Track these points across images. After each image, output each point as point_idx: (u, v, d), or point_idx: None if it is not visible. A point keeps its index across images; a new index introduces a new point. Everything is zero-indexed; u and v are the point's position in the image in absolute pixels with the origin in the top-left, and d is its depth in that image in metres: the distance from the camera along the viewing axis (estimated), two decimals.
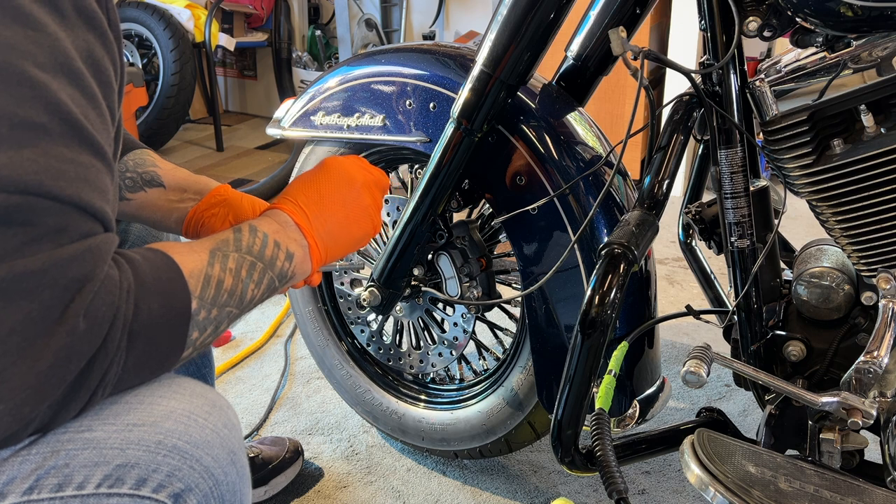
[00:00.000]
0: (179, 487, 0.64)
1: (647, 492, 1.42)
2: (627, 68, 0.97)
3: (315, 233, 0.84)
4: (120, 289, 0.60)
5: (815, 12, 0.90)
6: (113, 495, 0.61)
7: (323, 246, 0.85)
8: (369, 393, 1.50)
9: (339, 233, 0.87)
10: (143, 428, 0.63)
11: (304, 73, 3.67)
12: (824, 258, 1.06)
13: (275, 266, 0.78)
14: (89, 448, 0.61)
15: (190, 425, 0.65)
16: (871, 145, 0.92)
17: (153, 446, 0.63)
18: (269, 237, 0.78)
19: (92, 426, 0.62)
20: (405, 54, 1.27)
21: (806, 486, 0.92)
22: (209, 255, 0.71)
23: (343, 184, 0.90)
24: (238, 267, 0.73)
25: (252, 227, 0.77)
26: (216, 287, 0.70)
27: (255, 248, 0.76)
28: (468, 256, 1.27)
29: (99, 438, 0.62)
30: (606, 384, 0.95)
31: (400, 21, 3.54)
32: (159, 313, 0.63)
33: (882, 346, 0.94)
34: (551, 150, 1.13)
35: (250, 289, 0.74)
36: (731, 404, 1.66)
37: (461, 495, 1.42)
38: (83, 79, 0.59)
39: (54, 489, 0.60)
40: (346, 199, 0.89)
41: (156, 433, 0.63)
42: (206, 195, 0.98)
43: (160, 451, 0.63)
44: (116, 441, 0.62)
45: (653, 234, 0.99)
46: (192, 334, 0.67)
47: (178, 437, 0.64)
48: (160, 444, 0.63)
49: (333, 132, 1.32)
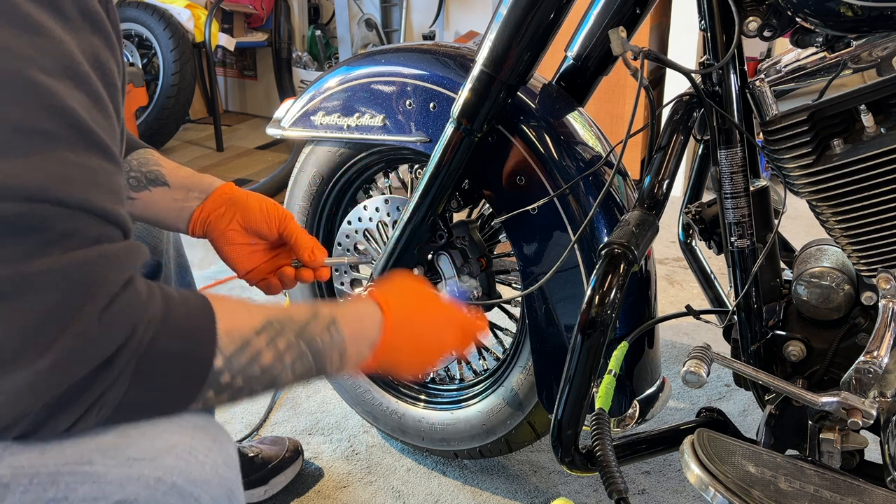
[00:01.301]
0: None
1: (647, 492, 1.42)
2: (627, 68, 0.97)
3: (382, 348, 0.80)
4: (143, 311, 0.59)
5: (815, 12, 0.90)
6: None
7: (377, 362, 0.81)
8: (369, 393, 1.50)
9: (399, 359, 0.85)
10: (144, 463, 0.61)
11: (304, 73, 3.67)
12: (824, 258, 1.06)
13: (324, 368, 0.75)
14: (89, 482, 0.60)
15: (191, 462, 0.63)
16: (871, 145, 0.92)
17: (153, 482, 0.61)
18: (338, 344, 0.75)
19: (92, 459, 0.60)
20: (405, 54, 1.27)
21: (806, 486, 0.92)
22: (263, 323, 0.69)
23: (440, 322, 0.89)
24: (285, 350, 0.70)
25: (334, 322, 0.75)
26: (251, 358, 0.67)
27: (317, 345, 0.73)
28: (468, 256, 1.27)
29: (99, 473, 0.60)
30: (606, 384, 0.95)
31: (400, 21, 3.54)
32: (176, 356, 0.62)
33: (882, 346, 0.94)
34: (551, 150, 1.13)
35: (285, 375, 0.71)
36: (731, 404, 1.66)
37: (461, 495, 1.42)
38: (89, 82, 0.59)
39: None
40: (432, 338, 0.88)
41: (155, 469, 0.61)
42: (212, 194, 0.97)
43: (159, 489, 0.61)
44: (116, 476, 0.60)
45: (653, 234, 0.99)
46: (208, 392, 0.65)
47: (178, 475, 0.62)
48: (160, 480, 0.61)
49: (333, 132, 1.32)
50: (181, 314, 0.62)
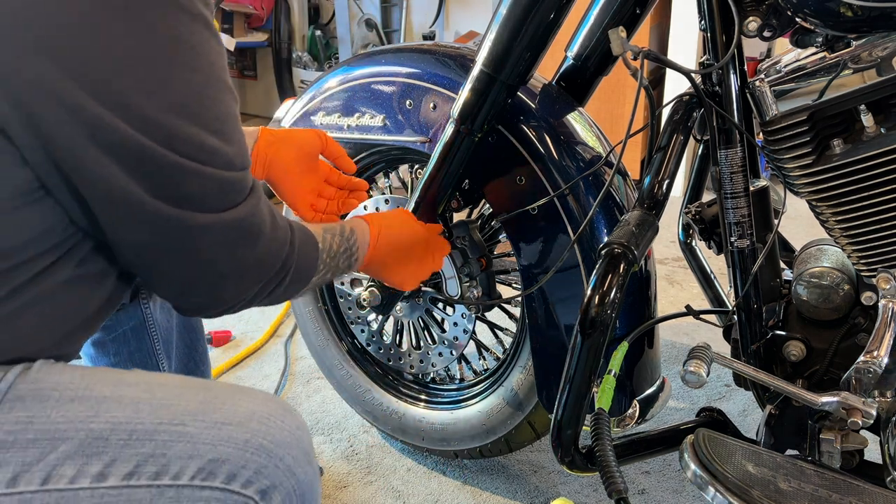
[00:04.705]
0: (266, 484, 0.69)
1: (647, 492, 1.42)
2: (627, 68, 0.97)
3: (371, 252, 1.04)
4: (287, 228, 0.82)
5: (815, 12, 0.90)
6: (206, 488, 0.67)
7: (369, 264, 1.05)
8: (369, 393, 1.50)
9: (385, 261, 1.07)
10: (232, 427, 0.69)
11: (304, 73, 3.67)
12: (824, 258, 1.06)
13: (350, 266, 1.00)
14: (183, 441, 0.67)
15: (271, 426, 0.71)
16: (871, 145, 0.91)
17: (242, 444, 0.69)
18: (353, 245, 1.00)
19: (184, 421, 0.68)
20: (405, 54, 1.27)
21: (806, 486, 0.92)
22: (325, 232, 0.94)
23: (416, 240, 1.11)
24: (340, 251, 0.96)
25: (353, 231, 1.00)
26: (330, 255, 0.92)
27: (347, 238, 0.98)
28: (468, 256, 1.27)
29: (192, 433, 0.68)
30: (606, 384, 0.95)
31: (400, 21, 3.54)
32: (305, 253, 0.84)
33: (882, 346, 0.94)
34: (551, 150, 1.13)
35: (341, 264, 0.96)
36: (731, 404, 1.66)
37: (461, 495, 1.42)
38: None
39: (152, 477, 0.66)
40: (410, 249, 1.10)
41: (243, 432, 0.69)
42: (259, 136, 1.08)
43: (248, 449, 0.69)
44: (208, 437, 0.68)
45: (653, 234, 0.99)
46: (319, 267, 0.89)
47: (263, 437, 0.70)
48: (248, 442, 0.69)
49: (333, 132, 1.32)
50: (300, 228, 0.85)
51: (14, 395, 0.66)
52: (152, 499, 0.67)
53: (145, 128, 0.64)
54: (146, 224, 0.68)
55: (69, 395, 0.67)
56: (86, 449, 0.66)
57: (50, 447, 0.65)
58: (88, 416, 0.66)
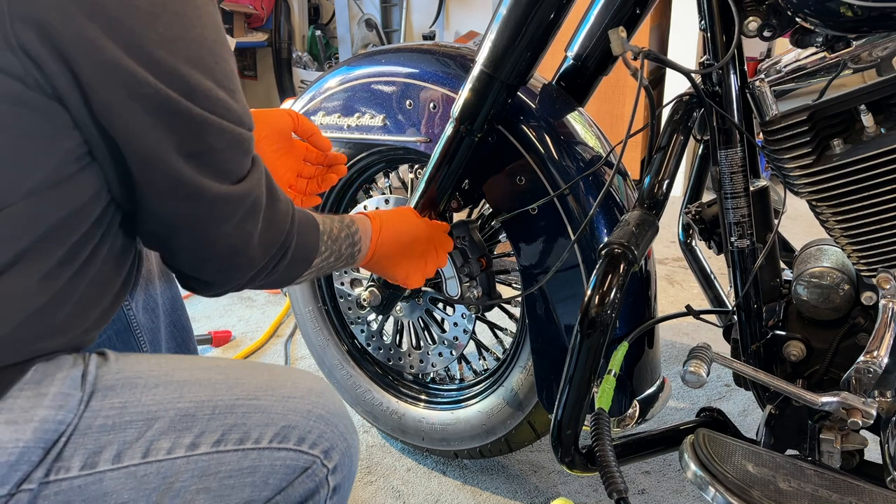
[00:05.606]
0: (326, 446, 0.82)
1: (647, 492, 1.42)
2: (627, 68, 0.97)
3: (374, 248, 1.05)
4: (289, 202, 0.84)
5: (815, 12, 0.90)
6: (282, 449, 0.79)
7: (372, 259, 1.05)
8: (369, 393, 1.50)
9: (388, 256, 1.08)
10: (296, 399, 0.82)
11: (304, 73, 3.67)
12: (824, 258, 1.06)
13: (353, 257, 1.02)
14: (259, 412, 0.79)
15: (325, 400, 0.84)
16: (871, 145, 0.91)
17: (306, 414, 0.81)
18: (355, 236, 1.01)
19: (258, 395, 0.80)
20: (405, 54, 1.27)
21: (806, 486, 0.93)
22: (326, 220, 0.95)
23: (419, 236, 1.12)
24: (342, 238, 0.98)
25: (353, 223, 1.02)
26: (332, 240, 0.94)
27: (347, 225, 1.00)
28: (468, 256, 1.27)
29: (265, 406, 0.79)
30: (606, 384, 0.95)
31: (400, 21, 3.54)
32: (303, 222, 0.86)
33: (882, 346, 0.94)
34: (551, 150, 1.13)
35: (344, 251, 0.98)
36: (731, 404, 1.66)
37: (461, 495, 1.42)
38: None
39: (237, 443, 0.77)
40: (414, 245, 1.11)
41: (306, 404, 0.82)
42: None
43: (311, 418, 0.82)
44: (279, 408, 0.80)
45: (653, 234, 0.99)
46: (321, 248, 0.91)
47: (322, 408, 0.83)
48: (310, 412, 0.82)
49: (334, 132, 1.32)
50: (298, 208, 0.87)
51: (104, 385, 0.73)
52: (239, 460, 0.77)
53: (169, 80, 0.67)
54: (172, 190, 0.71)
55: (153, 381, 0.75)
56: (177, 425, 0.74)
57: (146, 426, 0.73)
58: (175, 398, 0.75)
